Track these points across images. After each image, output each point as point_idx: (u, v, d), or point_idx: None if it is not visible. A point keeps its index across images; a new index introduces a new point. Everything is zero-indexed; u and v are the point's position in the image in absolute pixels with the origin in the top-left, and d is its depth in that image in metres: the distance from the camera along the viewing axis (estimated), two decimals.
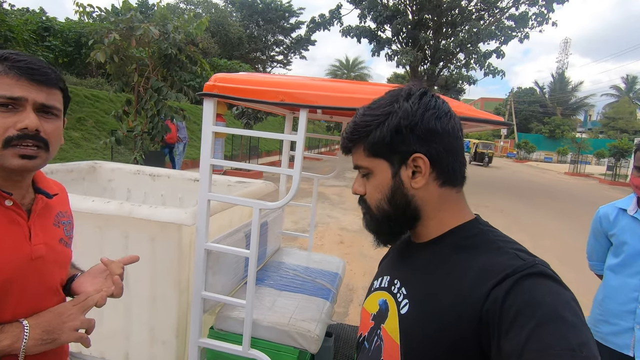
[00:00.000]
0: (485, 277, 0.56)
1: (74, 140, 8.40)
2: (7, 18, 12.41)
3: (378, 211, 0.68)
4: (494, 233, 0.65)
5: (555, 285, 0.53)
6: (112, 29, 5.54)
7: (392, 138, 0.63)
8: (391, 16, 12.73)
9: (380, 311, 0.71)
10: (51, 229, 0.87)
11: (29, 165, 0.74)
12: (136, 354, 1.69)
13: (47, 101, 0.75)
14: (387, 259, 0.86)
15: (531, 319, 0.48)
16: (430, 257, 0.67)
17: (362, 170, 0.69)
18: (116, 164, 2.65)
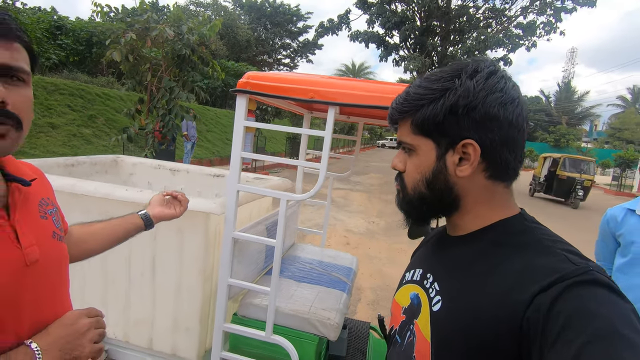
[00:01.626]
0: (529, 279, 0.50)
1: (85, 136, 8.53)
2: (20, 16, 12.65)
3: (413, 192, 0.64)
4: (542, 230, 0.59)
5: (612, 295, 0.46)
6: (129, 29, 5.67)
7: (444, 118, 0.57)
8: (399, 22, 12.86)
9: (412, 305, 0.68)
10: (39, 223, 0.70)
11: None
12: (160, 339, 1.76)
13: (12, 61, 0.57)
14: (420, 250, 0.82)
15: (582, 332, 0.42)
16: (467, 253, 0.62)
17: (405, 146, 0.65)
18: (138, 158, 2.74)
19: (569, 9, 12.47)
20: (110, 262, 1.74)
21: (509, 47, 12.25)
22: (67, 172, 2.27)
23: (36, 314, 0.66)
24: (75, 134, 8.32)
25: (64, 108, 8.74)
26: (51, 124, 8.00)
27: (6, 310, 0.61)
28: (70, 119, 8.62)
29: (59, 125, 8.17)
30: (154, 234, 1.66)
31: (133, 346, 1.82)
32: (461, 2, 13.02)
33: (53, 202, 0.79)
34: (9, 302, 0.61)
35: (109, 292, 1.78)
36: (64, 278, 0.76)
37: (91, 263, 1.76)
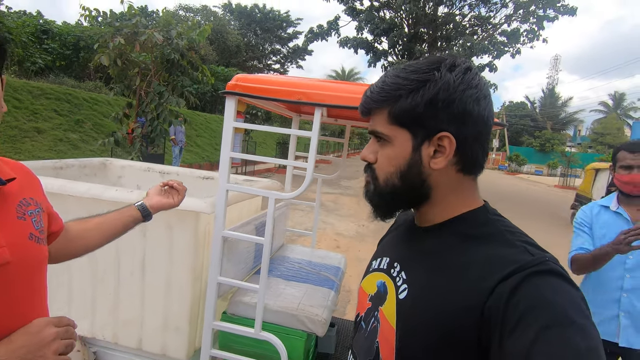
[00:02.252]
0: (490, 270, 0.53)
1: (72, 141, 8.42)
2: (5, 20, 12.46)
3: (385, 184, 0.63)
4: (503, 222, 0.61)
5: (565, 284, 0.50)
6: (117, 34, 5.66)
7: (424, 109, 0.57)
8: (387, 29, 13.08)
9: (379, 293, 0.69)
10: (14, 224, 0.69)
11: None
12: (149, 340, 1.76)
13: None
14: (386, 239, 0.83)
15: (539, 319, 0.45)
16: (434, 243, 0.64)
17: (379, 137, 0.63)
18: (127, 161, 2.74)
19: (551, 17, 12.86)
20: (99, 261, 1.75)
21: (494, 53, 12.57)
22: (55, 175, 2.26)
23: (5, 319, 0.63)
24: (61, 139, 8.21)
25: (50, 112, 8.62)
26: (37, 129, 7.88)
27: None
28: (56, 123, 8.50)
29: (45, 129, 8.05)
30: (144, 232, 1.68)
31: (122, 347, 1.82)
32: (447, 10, 13.33)
33: (37, 203, 0.77)
34: None
35: (97, 292, 1.78)
36: (39, 282, 0.73)
37: (79, 261, 1.77)
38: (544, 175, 34.69)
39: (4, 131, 7.17)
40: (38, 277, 0.72)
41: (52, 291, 1.83)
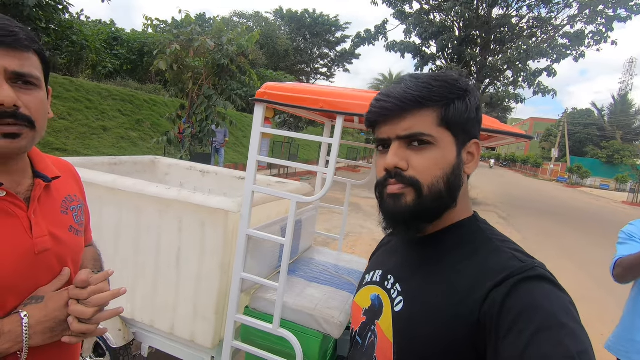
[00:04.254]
0: (483, 278, 0.54)
1: (132, 139, 9.19)
2: (83, 29, 13.92)
3: (430, 190, 0.59)
4: (492, 231, 0.63)
5: (554, 289, 0.51)
6: (174, 41, 6.11)
7: (474, 116, 0.60)
8: (437, 32, 12.72)
9: (373, 307, 0.68)
10: (58, 216, 0.78)
11: (13, 146, 0.64)
12: (180, 326, 1.91)
13: (21, 69, 0.63)
14: (379, 253, 0.82)
15: (530, 324, 0.47)
16: (427, 254, 0.64)
17: (418, 140, 0.59)
18: (173, 159, 2.97)
19: (622, 17, 11.72)
20: (141, 251, 1.93)
21: (554, 57, 11.71)
22: (110, 170, 2.52)
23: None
24: (123, 137, 8.99)
25: (115, 113, 9.49)
26: (103, 127, 8.71)
27: (13, 292, 0.68)
28: (120, 122, 9.33)
29: (110, 128, 8.88)
30: (180, 227, 1.83)
31: (157, 330, 1.99)
32: (503, 12, 12.67)
33: (80, 199, 0.87)
34: (16, 285, 0.68)
35: (138, 278, 1.96)
36: (74, 268, 0.81)
37: (125, 250, 1.96)
38: (610, 189, 31.55)
39: (76, 129, 8.02)
40: (73, 264, 0.82)
41: None
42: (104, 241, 2.01)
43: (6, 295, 0.67)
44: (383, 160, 0.62)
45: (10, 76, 0.62)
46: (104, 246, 2.02)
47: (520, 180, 30.33)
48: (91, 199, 1.99)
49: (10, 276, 0.67)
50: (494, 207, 12.07)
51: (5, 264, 0.66)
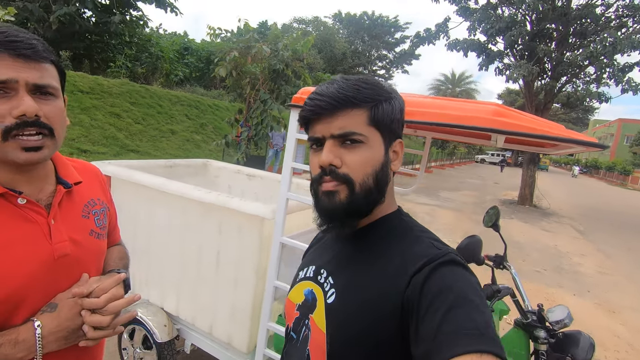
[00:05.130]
0: (405, 265, 0.59)
1: (196, 142, 9.86)
2: (160, 41, 15.32)
3: (361, 187, 0.62)
4: (413, 223, 0.69)
5: (463, 271, 0.57)
6: (234, 48, 6.42)
7: (398, 116, 0.66)
8: (505, 28, 11.76)
9: (307, 301, 0.70)
10: (78, 221, 0.80)
11: (34, 159, 0.67)
12: (219, 327, 1.94)
13: (40, 80, 0.66)
14: (312, 250, 0.85)
15: (444, 302, 0.52)
16: (357, 247, 0.68)
17: (351, 139, 0.62)
18: (222, 163, 3.08)
19: None
20: (185, 250, 2.00)
21: None
22: (166, 173, 2.68)
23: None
24: (188, 139, 9.68)
25: (182, 117, 10.26)
26: (171, 130, 9.46)
27: (33, 298, 0.70)
28: (186, 126, 10.07)
29: (177, 131, 9.61)
30: (220, 230, 1.86)
31: (198, 329, 2.05)
32: (585, 2, 11.31)
33: (103, 202, 0.89)
34: (36, 291, 0.70)
35: (183, 277, 2.04)
36: (95, 271, 0.83)
37: (171, 249, 2.06)
38: None
39: (149, 132, 8.81)
40: (94, 267, 0.83)
41: (151, 272, 2.18)
42: (156, 239, 2.13)
43: (26, 300, 0.70)
44: (317, 158, 0.64)
45: (31, 88, 0.65)
46: (155, 244, 2.15)
47: (604, 189, 26.90)
48: (145, 199, 2.14)
49: (30, 281, 0.69)
50: (570, 219, 10.82)
51: (24, 270, 0.69)
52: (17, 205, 0.70)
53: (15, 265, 0.68)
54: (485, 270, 1.72)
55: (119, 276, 0.80)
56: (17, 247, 0.69)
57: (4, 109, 0.62)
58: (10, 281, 0.67)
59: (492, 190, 16.43)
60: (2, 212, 0.69)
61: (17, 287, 0.68)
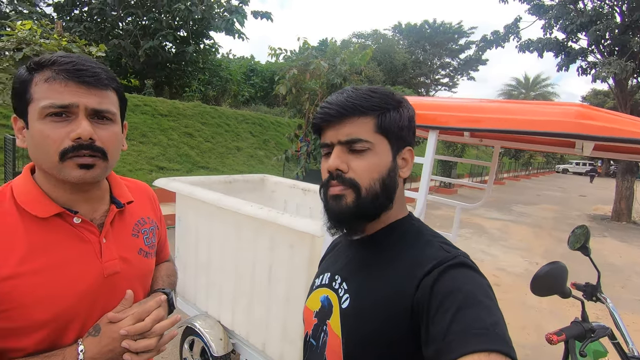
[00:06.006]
0: (415, 268, 0.60)
1: (259, 157, 10.31)
2: (230, 65, 16.55)
3: (367, 192, 0.64)
4: (424, 227, 0.70)
5: (473, 273, 0.58)
6: (293, 66, 6.63)
7: (407, 124, 0.67)
8: (588, 22, 10.53)
9: (323, 308, 0.72)
10: (128, 240, 0.82)
11: (87, 176, 0.69)
12: (271, 345, 1.91)
13: (99, 106, 0.69)
14: (327, 257, 0.86)
15: (453, 303, 0.53)
16: (369, 253, 0.70)
17: (357, 145, 0.64)
18: (279, 178, 3.12)
19: None
20: (240, 265, 2.02)
21: None
22: (226, 188, 2.79)
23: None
24: (252, 155, 10.17)
25: (247, 134, 10.84)
26: (237, 147, 10.03)
27: (83, 315, 0.72)
28: (250, 142, 10.61)
29: (243, 148, 10.16)
30: (272, 247, 1.85)
31: (252, 346, 2.04)
32: None
33: (153, 221, 0.91)
34: (86, 308, 0.72)
35: (238, 292, 2.06)
36: (143, 289, 0.85)
37: (227, 264, 2.09)
38: None
39: (217, 149, 9.44)
40: (141, 286, 0.85)
41: (209, 284, 2.24)
42: (214, 253, 2.19)
43: (75, 320, 0.72)
44: (326, 163, 0.67)
45: (90, 112, 0.69)
46: (213, 257, 2.22)
47: None
48: (204, 214, 2.22)
49: (80, 301, 0.71)
50: None
51: (76, 289, 0.71)
52: (72, 225, 0.73)
53: (68, 284, 0.70)
54: (573, 304, 1.45)
55: (161, 297, 0.80)
56: (71, 266, 0.71)
57: (64, 132, 0.66)
58: (62, 300, 0.69)
59: (577, 203, 14.55)
60: (58, 231, 0.72)
61: (68, 306, 0.70)
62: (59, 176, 0.69)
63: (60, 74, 0.66)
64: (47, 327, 0.69)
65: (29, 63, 0.69)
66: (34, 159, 0.71)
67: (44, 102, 0.65)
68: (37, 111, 0.66)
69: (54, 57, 0.68)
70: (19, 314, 0.66)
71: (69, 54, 0.71)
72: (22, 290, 0.66)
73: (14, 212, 0.69)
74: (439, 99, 1.29)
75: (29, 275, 0.67)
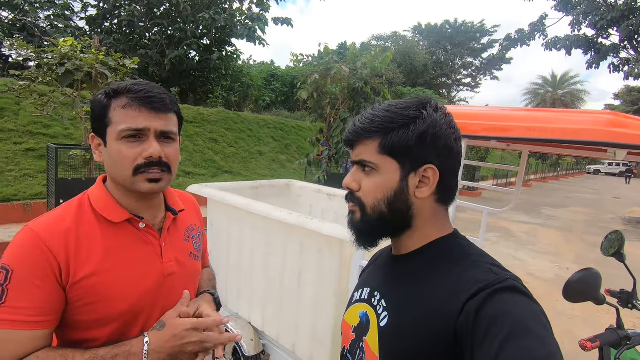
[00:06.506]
0: (459, 290, 0.57)
1: (281, 161, 10.46)
2: (250, 71, 16.87)
3: (373, 211, 0.66)
4: (470, 247, 0.66)
5: (525, 299, 0.54)
6: (314, 71, 6.72)
7: (415, 142, 0.63)
8: (620, 17, 10.12)
9: (361, 323, 0.72)
10: (181, 244, 0.92)
11: (155, 188, 0.80)
12: (301, 346, 1.96)
13: (165, 128, 0.80)
14: (367, 271, 0.86)
15: (502, 331, 0.49)
16: (410, 270, 0.68)
17: (365, 166, 0.67)
18: (304, 183, 3.19)
19: None
20: (270, 269, 2.09)
21: None
22: (253, 194, 2.88)
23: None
24: (274, 160, 10.33)
25: (269, 139, 11.01)
26: (259, 152, 10.21)
27: (148, 309, 0.81)
28: (272, 147, 10.78)
29: (265, 152, 10.34)
30: (301, 251, 1.91)
31: (282, 347, 2.10)
32: None
33: (199, 228, 1.02)
34: (150, 303, 0.82)
35: (268, 294, 2.13)
36: (193, 289, 0.95)
37: (258, 268, 2.17)
38: None
39: (240, 154, 9.65)
40: (192, 286, 0.94)
41: (241, 286, 2.32)
42: (245, 256, 2.28)
43: (141, 314, 0.81)
44: None
45: (158, 134, 0.80)
46: (244, 260, 2.30)
47: None
48: (235, 218, 2.32)
49: (145, 297, 0.81)
50: None
51: (144, 286, 0.81)
52: (138, 229, 0.83)
53: (137, 281, 0.80)
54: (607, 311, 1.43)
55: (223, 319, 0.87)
56: (139, 265, 0.81)
57: (138, 151, 0.77)
58: (133, 295, 0.79)
59: (611, 206, 13.90)
60: (126, 234, 0.82)
61: (136, 301, 0.79)
62: (131, 188, 0.80)
63: (135, 102, 0.77)
64: (121, 319, 0.78)
65: (107, 90, 0.81)
66: (110, 173, 0.82)
67: (122, 126, 0.77)
68: (115, 133, 0.77)
69: (128, 85, 0.79)
70: (103, 306, 0.76)
71: (139, 81, 0.82)
72: (104, 284, 0.76)
73: (93, 218, 0.80)
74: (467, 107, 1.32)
75: (108, 271, 0.77)
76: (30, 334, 0.70)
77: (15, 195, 5.16)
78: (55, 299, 0.72)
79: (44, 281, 0.71)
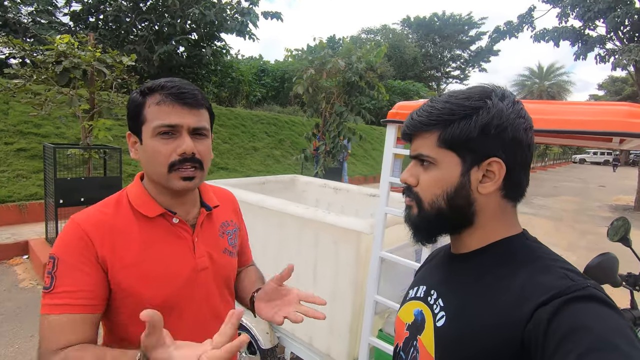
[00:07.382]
0: (529, 296, 0.52)
1: (276, 157, 10.43)
2: (240, 66, 16.69)
3: (431, 207, 0.62)
4: (542, 249, 0.61)
5: (607, 309, 0.48)
6: (310, 66, 6.70)
7: (477, 135, 0.58)
8: (606, 9, 10.31)
9: (416, 322, 0.69)
10: (215, 240, 0.92)
11: (189, 186, 0.80)
12: (318, 338, 2.01)
13: (197, 124, 0.80)
14: (424, 268, 0.83)
15: (579, 345, 0.44)
16: (471, 270, 0.64)
17: (423, 160, 0.63)
18: (309, 178, 3.22)
19: None
20: (284, 260, 2.12)
21: None
22: (260, 189, 2.89)
23: (204, 310, 0.87)
24: (269, 155, 10.29)
25: (262, 134, 10.96)
26: (254, 147, 10.16)
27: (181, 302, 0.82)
28: (266, 142, 10.73)
29: (259, 148, 10.30)
30: (316, 243, 1.94)
31: (298, 339, 2.14)
32: None
33: (235, 224, 1.01)
34: (182, 296, 0.83)
35: None
36: (229, 285, 0.95)
37: (271, 259, 2.20)
38: None
39: (235, 150, 9.59)
40: (224, 282, 0.94)
41: None
42: (257, 250, 2.29)
43: (176, 307, 0.82)
44: None
45: (190, 130, 0.80)
46: (257, 254, 2.32)
47: None
48: (247, 214, 2.33)
49: (180, 289, 0.83)
50: None
51: (178, 279, 0.83)
52: (171, 224, 0.85)
53: (172, 274, 0.82)
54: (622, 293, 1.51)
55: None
56: (173, 259, 0.83)
57: (171, 147, 0.78)
58: (168, 287, 0.81)
59: (597, 194, 14.28)
60: (160, 228, 0.84)
61: (171, 293, 0.81)
62: (166, 185, 0.81)
63: (168, 98, 0.77)
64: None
65: (142, 88, 0.81)
66: (146, 170, 0.84)
67: (156, 122, 0.77)
68: (150, 130, 0.78)
69: (161, 82, 0.80)
70: (135, 301, 0.77)
71: (172, 78, 0.82)
72: (143, 274, 0.79)
73: (130, 213, 0.83)
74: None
75: (145, 263, 0.79)
76: (79, 317, 0.72)
77: (9, 197, 5.06)
78: (100, 285, 0.75)
79: (89, 266, 0.74)
